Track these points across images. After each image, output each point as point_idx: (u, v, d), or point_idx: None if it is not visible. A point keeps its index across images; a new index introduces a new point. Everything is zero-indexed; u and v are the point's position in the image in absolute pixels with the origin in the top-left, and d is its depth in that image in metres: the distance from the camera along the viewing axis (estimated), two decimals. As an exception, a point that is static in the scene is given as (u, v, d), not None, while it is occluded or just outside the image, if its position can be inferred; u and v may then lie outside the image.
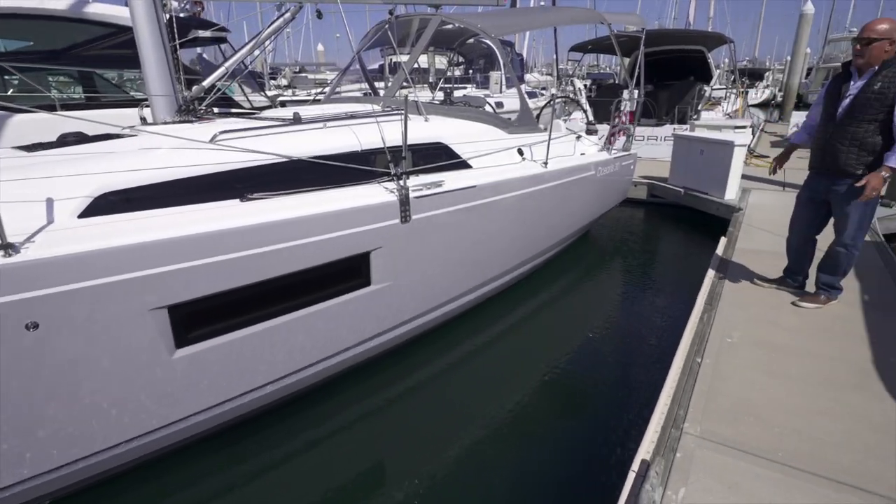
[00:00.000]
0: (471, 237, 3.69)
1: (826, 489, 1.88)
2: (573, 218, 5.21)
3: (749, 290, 3.66)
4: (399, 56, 4.44)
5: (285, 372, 2.84)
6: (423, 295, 3.51)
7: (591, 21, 5.21)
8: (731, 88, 12.59)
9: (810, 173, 3.32)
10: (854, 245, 3.16)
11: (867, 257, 4.24)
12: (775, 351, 2.84)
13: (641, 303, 4.66)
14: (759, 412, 2.33)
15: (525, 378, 3.39)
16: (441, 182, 3.34)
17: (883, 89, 2.83)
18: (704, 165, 6.57)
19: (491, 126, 4.24)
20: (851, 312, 3.29)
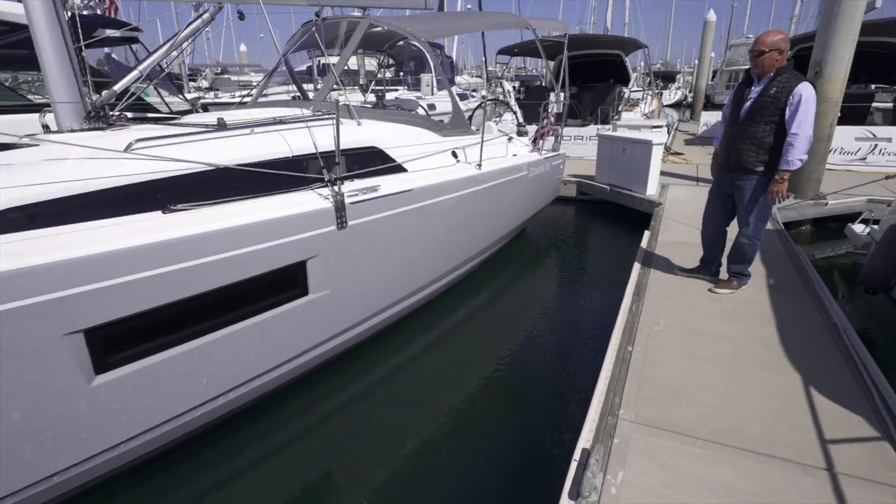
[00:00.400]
0: (409, 241, 3.69)
1: (745, 460, 2.06)
2: (508, 217, 5.34)
3: (671, 280, 3.93)
4: (327, 58, 4.36)
5: (223, 389, 2.71)
6: (363, 301, 3.47)
7: (517, 26, 5.37)
8: (647, 90, 13.41)
9: (719, 170, 3.61)
10: (756, 236, 3.47)
11: (770, 244, 4.67)
12: (696, 335, 3.06)
13: (576, 296, 4.86)
14: (685, 394, 2.50)
15: (470, 377, 3.44)
16: (377, 187, 3.31)
17: (777, 94, 3.14)
18: (627, 163, 6.95)
19: (424, 129, 4.26)
20: (759, 295, 3.61)
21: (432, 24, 4.58)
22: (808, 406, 2.38)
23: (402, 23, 4.38)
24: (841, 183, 6.53)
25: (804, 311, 3.37)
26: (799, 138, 3.09)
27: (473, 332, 4.17)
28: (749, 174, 3.35)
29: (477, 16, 5.32)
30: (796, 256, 4.36)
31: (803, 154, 3.12)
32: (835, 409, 2.36)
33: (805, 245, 6.15)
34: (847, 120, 8.22)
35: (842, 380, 2.59)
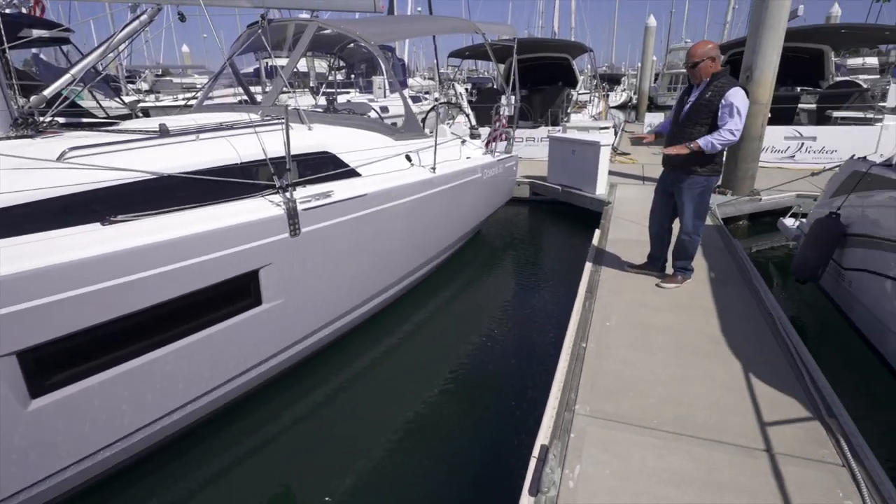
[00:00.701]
0: (364, 246, 3.66)
1: (693, 446, 2.17)
2: (464, 220, 5.39)
3: (621, 276, 4.07)
4: (275, 61, 4.26)
5: (174, 406, 2.60)
6: (320, 309, 3.41)
7: (466, 31, 5.43)
8: (594, 92, 13.85)
9: (663, 169, 3.78)
10: (695, 232, 3.67)
11: (711, 239, 4.93)
12: (646, 329, 3.19)
13: (532, 295, 4.96)
14: (636, 386, 2.60)
15: (430, 379, 3.45)
16: (330, 192, 3.27)
17: (711, 98, 3.34)
18: (576, 164, 7.16)
19: (378, 133, 4.24)
20: (702, 288, 3.81)
21: (382, 27, 4.57)
22: (749, 392, 2.53)
23: (352, 26, 4.35)
24: (773, 179, 6.97)
25: (743, 302, 3.58)
26: (722, 133, 3.30)
27: (433, 334, 4.18)
28: (687, 175, 3.54)
29: (427, 20, 5.35)
30: (735, 250, 4.62)
31: (717, 147, 3.34)
32: (772, 393, 2.52)
33: (743, 239, 6.52)
34: (776, 120, 8.79)
35: (778, 365, 2.76)
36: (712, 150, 3.34)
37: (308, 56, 12.92)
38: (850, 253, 3.82)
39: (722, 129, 3.30)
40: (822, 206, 4.63)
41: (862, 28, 10.33)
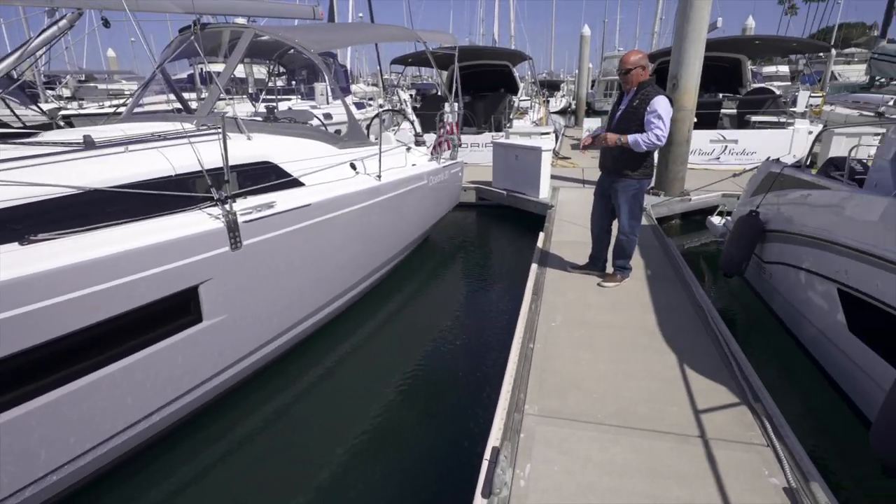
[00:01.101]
0: (310, 257, 3.60)
1: (635, 438, 2.28)
2: (412, 227, 5.40)
3: (565, 277, 4.22)
4: (208, 67, 4.11)
5: (112, 432, 2.45)
6: (266, 323, 3.32)
7: (408, 39, 5.47)
8: (534, 99, 14.25)
9: (600, 173, 3.96)
10: (632, 232, 3.87)
11: (647, 238, 5.20)
12: (589, 327, 3.33)
13: (482, 298, 5.03)
14: (581, 383, 2.71)
15: (383, 387, 3.43)
16: (272, 203, 3.20)
17: (639, 105, 3.54)
18: (520, 169, 7.34)
19: (321, 142, 4.19)
20: (640, 285, 4.01)
21: (322, 35, 4.52)
22: (684, 382, 2.69)
23: (291, 33, 4.27)
24: (701, 180, 7.43)
25: (676, 297, 3.80)
26: (648, 136, 3.51)
27: (385, 342, 4.16)
28: (621, 178, 3.73)
29: (368, 28, 5.34)
30: (668, 248, 4.89)
31: (642, 147, 3.55)
32: (705, 382, 2.69)
33: (676, 237, 6.91)
34: (702, 125, 9.38)
35: (709, 355, 2.96)
36: (637, 148, 3.54)
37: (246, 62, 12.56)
38: (769, 247, 4.14)
39: (649, 133, 3.50)
40: (744, 204, 4.99)
41: (773, 39, 11.25)
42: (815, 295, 3.31)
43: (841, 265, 3.00)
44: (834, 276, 3.07)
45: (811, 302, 3.36)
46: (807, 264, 3.43)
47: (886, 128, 3.28)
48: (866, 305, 2.74)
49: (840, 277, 3.00)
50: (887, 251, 2.57)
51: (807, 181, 3.74)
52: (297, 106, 12.14)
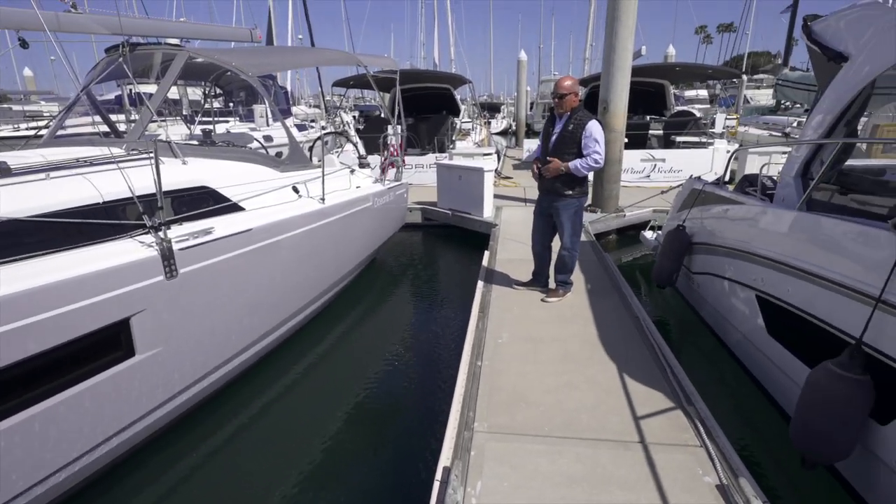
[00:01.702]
0: (253, 284, 3.50)
1: (580, 447, 2.36)
2: (357, 249, 5.36)
3: (510, 294, 4.32)
4: (138, 88, 3.96)
5: (38, 477, 2.25)
6: (206, 354, 3.18)
7: (348, 63, 5.51)
8: (476, 120, 14.64)
9: (539, 194, 4.12)
10: (573, 248, 4.04)
11: (586, 253, 5.43)
12: (534, 342, 3.42)
13: (431, 318, 5.05)
14: (528, 397, 2.77)
15: (334, 412, 3.36)
16: (210, 229, 3.11)
17: (574, 130, 3.74)
18: (463, 189, 7.49)
19: (261, 165, 4.12)
20: (581, 299, 4.17)
21: (260, 58, 4.47)
22: (624, 391, 2.81)
23: (227, 56, 4.20)
24: (634, 197, 7.87)
25: (614, 308, 3.98)
26: (587, 160, 3.75)
27: (334, 366, 4.09)
28: (561, 197, 3.91)
29: (308, 51, 5.34)
30: (606, 263, 5.13)
31: (583, 172, 3.80)
32: (642, 388, 2.83)
33: (613, 251, 7.25)
34: (632, 145, 9.98)
35: (646, 363, 3.11)
36: (579, 173, 3.75)
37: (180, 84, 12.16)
38: (696, 259, 4.44)
39: (588, 157, 3.71)
40: (672, 219, 5.34)
41: (692, 66, 12.20)
42: (737, 302, 3.58)
43: (757, 273, 3.26)
44: (752, 284, 3.34)
45: (734, 308, 3.62)
46: (729, 273, 3.70)
47: (791, 147, 3.64)
48: (781, 310, 2.99)
49: (757, 285, 3.26)
50: (794, 259, 2.83)
51: (725, 197, 4.05)
52: (235, 128, 11.83)
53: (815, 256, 2.66)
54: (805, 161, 3.37)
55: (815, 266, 2.65)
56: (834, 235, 2.56)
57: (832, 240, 2.58)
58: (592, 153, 3.73)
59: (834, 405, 2.17)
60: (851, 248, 2.44)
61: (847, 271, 2.40)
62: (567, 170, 3.76)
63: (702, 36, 51.02)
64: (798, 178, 3.40)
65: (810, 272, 2.67)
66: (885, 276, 2.12)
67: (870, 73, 2.89)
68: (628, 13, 6.53)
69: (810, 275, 2.67)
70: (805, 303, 2.72)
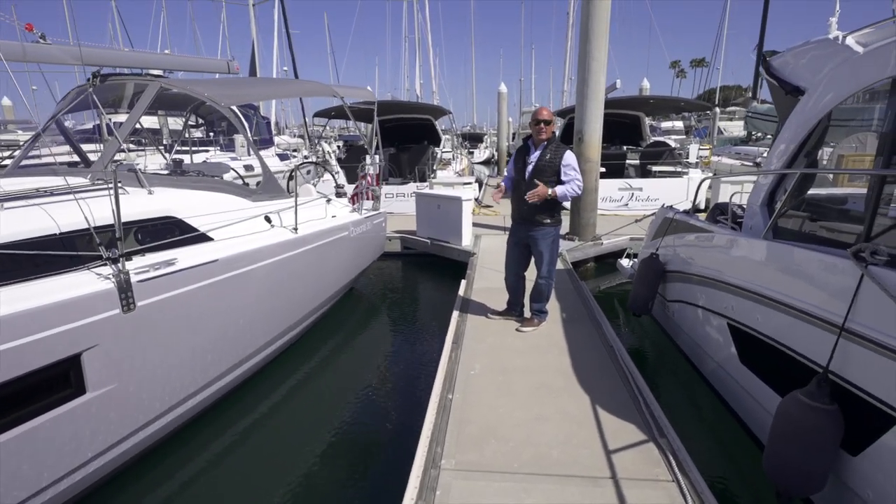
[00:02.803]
0: (219, 315, 3.41)
1: (548, 484, 2.28)
2: (333, 279, 5.29)
3: (485, 324, 4.27)
4: (107, 118, 3.92)
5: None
6: (166, 390, 3.05)
7: (324, 94, 5.55)
8: (456, 150, 14.83)
9: (513, 223, 4.13)
10: (550, 276, 4.03)
11: (562, 282, 5.42)
12: (507, 373, 3.35)
13: (407, 348, 4.96)
14: (498, 432, 2.69)
15: (303, 449, 3.23)
16: (173, 260, 3.02)
17: (552, 159, 3.79)
18: (442, 218, 7.50)
19: (232, 195, 4.07)
20: (556, 328, 4.13)
21: (234, 89, 4.48)
22: (596, 422, 2.75)
23: (201, 87, 4.19)
24: (612, 225, 7.95)
25: (589, 337, 3.95)
26: (571, 185, 3.81)
27: (305, 400, 3.97)
28: (539, 226, 3.91)
29: (283, 83, 5.37)
30: (581, 291, 5.12)
31: (569, 197, 3.87)
32: (615, 421, 2.77)
33: (591, 279, 7.27)
34: (610, 174, 10.16)
35: (619, 394, 3.07)
36: (565, 199, 3.86)
37: (161, 114, 12.16)
38: (671, 287, 4.46)
39: (570, 184, 3.80)
40: (646, 247, 5.38)
41: (665, 99, 12.59)
42: (710, 330, 3.57)
43: (728, 301, 3.27)
44: (724, 312, 3.34)
45: (708, 336, 3.62)
46: (702, 302, 3.71)
47: (758, 170, 3.71)
48: (751, 338, 2.99)
49: (729, 313, 3.27)
50: (762, 287, 2.85)
51: (696, 226, 4.10)
52: (215, 158, 11.80)
53: (782, 285, 2.68)
54: (770, 190, 3.44)
55: (781, 294, 2.66)
56: (798, 264, 2.59)
57: (797, 268, 2.60)
58: (575, 180, 3.82)
59: (804, 436, 2.14)
60: (815, 277, 2.46)
61: (812, 299, 2.41)
62: (554, 195, 3.78)
63: (676, 70, 53.02)
64: (764, 207, 3.47)
65: (777, 300, 2.68)
66: (848, 305, 2.13)
67: (825, 106, 2.98)
68: (600, 48, 6.73)
69: (777, 303, 2.68)
70: (774, 331, 2.72)
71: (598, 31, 6.68)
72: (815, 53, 3.22)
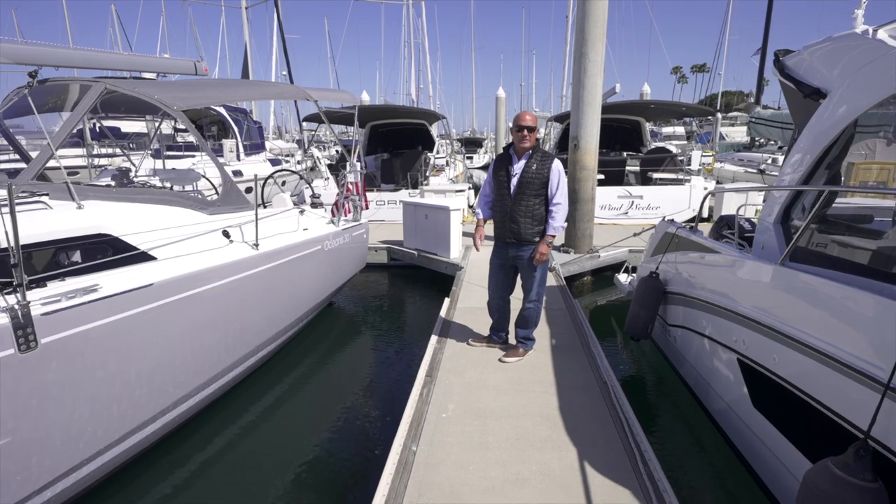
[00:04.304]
0: (158, 345, 2.98)
1: (523, 576, 1.84)
2: (304, 297, 4.86)
3: (465, 352, 3.83)
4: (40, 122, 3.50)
5: None
6: (83, 437, 2.62)
7: (296, 97, 5.15)
8: (451, 156, 14.44)
9: (497, 242, 3.68)
10: (538, 300, 3.60)
11: (553, 300, 4.99)
12: (484, 417, 2.91)
13: (391, 369, 4.54)
14: (466, 500, 2.25)
15: (272, 477, 2.84)
16: (95, 286, 2.60)
17: (539, 169, 3.36)
18: (430, 229, 7.08)
19: (184, 208, 3.66)
20: (543, 359, 3.69)
21: (189, 91, 4.05)
22: (583, 486, 2.31)
23: (150, 89, 3.77)
24: (611, 235, 7.52)
25: (581, 371, 3.50)
26: (561, 207, 3.39)
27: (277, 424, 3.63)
28: (528, 244, 3.47)
29: (249, 85, 4.96)
30: (575, 313, 4.67)
31: (564, 221, 3.45)
32: (606, 484, 2.33)
33: (587, 294, 6.83)
34: (610, 181, 9.74)
35: (612, 445, 2.62)
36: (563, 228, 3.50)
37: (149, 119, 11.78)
38: (672, 310, 4.02)
39: (556, 207, 3.40)
40: (646, 262, 4.95)
41: (666, 104, 12.17)
42: (719, 364, 3.14)
43: (738, 334, 2.84)
44: (733, 346, 2.91)
45: (716, 372, 3.18)
46: (708, 331, 3.27)
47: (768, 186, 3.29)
48: (767, 380, 2.56)
49: (739, 347, 2.84)
50: (780, 323, 2.42)
51: (701, 244, 3.67)
52: (201, 163, 11.40)
53: (806, 322, 2.24)
54: (785, 206, 3.01)
55: (805, 334, 2.23)
56: (829, 299, 2.15)
57: (827, 304, 2.16)
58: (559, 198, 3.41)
59: (839, 519, 1.70)
60: (852, 317, 2.02)
61: (847, 345, 1.97)
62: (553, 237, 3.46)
63: (677, 76, 52.69)
64: (778, 225, 3.03)
65: (800, 341, 2.25)
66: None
67: (851, 112, 2.55)
68: (596, 50, 6.32)
69: (800, 344, 2.24)
70: (796, 377, 2.29)
71: (594, 32, 6.27)
72: (840, 50, 2.80)
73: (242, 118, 13.57)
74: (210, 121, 14.04)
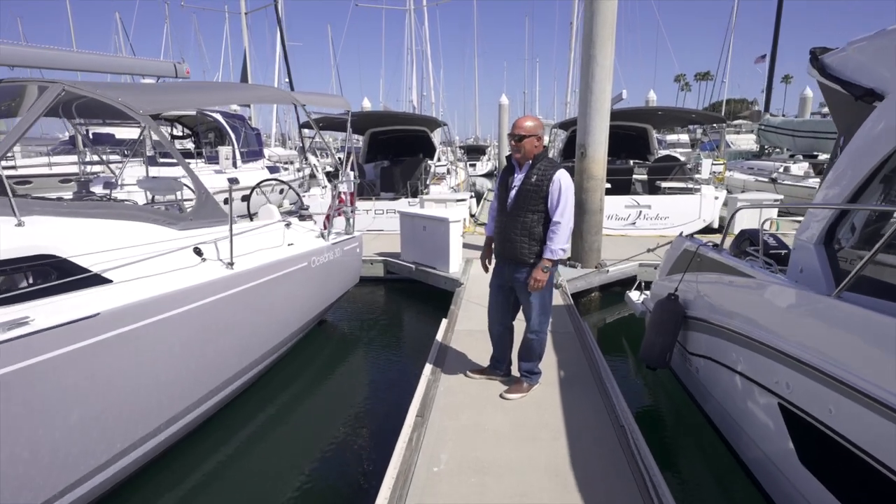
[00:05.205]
0: (102, 386, 2.58)
1: None
2: (289, 317, 4.46)
3: (462, 386, 3.41)
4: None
5: None
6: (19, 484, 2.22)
7: (284, 102, 4.79)
8: (453, 164, 14.08)
9: (497, 261, 3.29)
10: (542, 329, 3.17)
11: (562, 324, 4.56)
12: (482, 473, 2.48)
13: (381, 401, 4.13)
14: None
15: None
16: (23, 319, 2.22)
17: (538, 182, 2.94)
18: (428, 241, 6.68)
19: (149, 223, 3.29)
20: (550, 396, 3.26)
21: (157, 95, 3.68)
22: (603, 571, 1.89)
23: (114, 92, 3.40)
24: (619, 247, 7.11)
25: (594, 412, 3.07)
26: (562, 227, 2.95)
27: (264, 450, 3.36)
28: (525, 266, 3.06)
29: (229, 88, 4.60)
30: (585, 338, 4.23)
31: (566, 243, 3.00)
32: (631, 566, 1.91)
33: (596, 311, 6.41)
34: (616, 190, 9.33)
35: (635, 509, 2.20)
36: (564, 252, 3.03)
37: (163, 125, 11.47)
38: (693, 337, 3.60)
39: (555, 227, 2.95)
40: (661, 281, 4.54)
41: (674, 110, 11.80)
42: (754, 407, 2.71)
43: (781, 376, 2.42)
44: (774, 388, 2.49)
45: (751, 415, 2.76)
46: (741, 367, 2.85)
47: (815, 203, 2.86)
48: (818, 433, 2.14)
49: (781, 391, 2.42)
50: (838, 368, 2.01)
51: (730, 266, 3.25)
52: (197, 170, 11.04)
53: (876, 372, 1.83)
54: (829, 224, 2.60)
55: (875, 386, 1.82)
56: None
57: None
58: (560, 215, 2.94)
59: None
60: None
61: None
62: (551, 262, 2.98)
63: (681, 84, 52.44)
64: (820, 246, 2.62)
65: (865, 393, 1.84)
66: None
67: (918, 115, 2.16)
68: (605, 54, 5.94)
69: (866, 397, 1.83)
70: (862, 437, 1.87)
71: (602, 34, 5.89)
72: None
73: (240, 125, 13.24)
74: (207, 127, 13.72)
